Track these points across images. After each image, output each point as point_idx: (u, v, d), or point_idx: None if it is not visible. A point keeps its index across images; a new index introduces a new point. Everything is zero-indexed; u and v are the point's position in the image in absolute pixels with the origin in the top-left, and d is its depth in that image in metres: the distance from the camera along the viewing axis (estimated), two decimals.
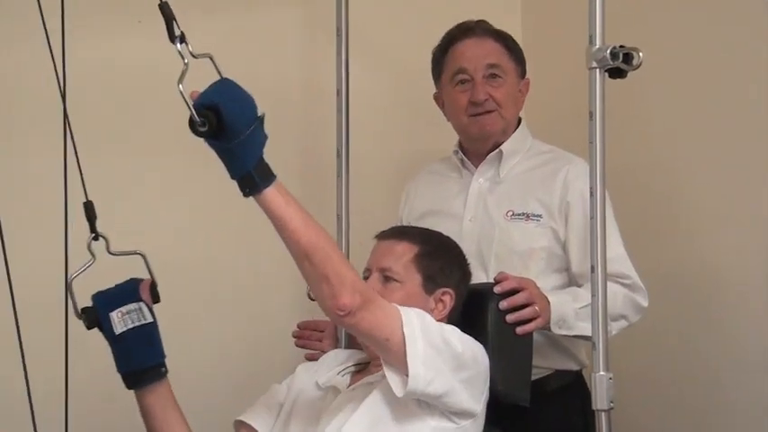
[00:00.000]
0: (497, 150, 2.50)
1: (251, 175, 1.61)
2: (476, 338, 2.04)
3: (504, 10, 3.24)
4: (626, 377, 2.07)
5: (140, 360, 1.86)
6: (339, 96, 2.66)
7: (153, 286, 1.90)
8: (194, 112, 1.53)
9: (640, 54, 1.92)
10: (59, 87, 1.72)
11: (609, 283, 2.06)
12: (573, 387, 2.44)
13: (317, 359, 2.28)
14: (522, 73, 2.54)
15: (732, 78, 2.72)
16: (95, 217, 1.77)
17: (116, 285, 1.88)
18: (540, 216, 2.42)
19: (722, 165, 2.75)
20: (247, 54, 2.92)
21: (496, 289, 2.17)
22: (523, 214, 2.43)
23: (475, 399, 1.93)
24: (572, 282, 2.40)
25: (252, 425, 2.08)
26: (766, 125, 2.61)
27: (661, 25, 2.87)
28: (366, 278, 2.10)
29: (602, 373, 1.93)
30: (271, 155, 2.92)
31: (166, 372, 1.89)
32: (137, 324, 1.83)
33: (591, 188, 1.96)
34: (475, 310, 2.15)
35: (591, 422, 1.98)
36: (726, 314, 2.73)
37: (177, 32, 1.58)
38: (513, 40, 2.54)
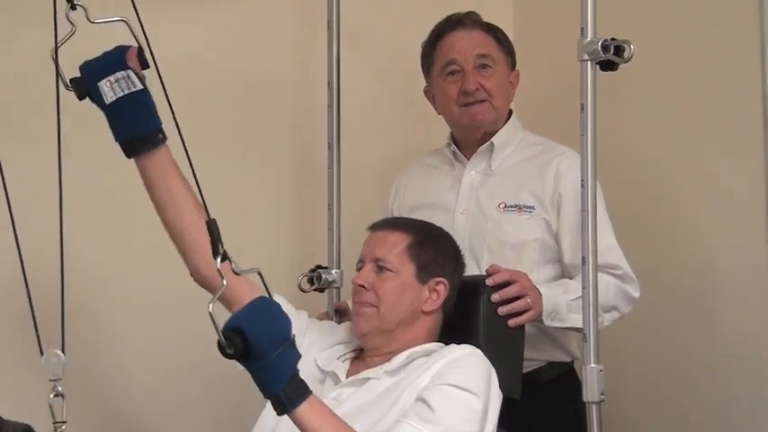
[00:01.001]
0: (489, 143, 2.50)
1: (278, 396, 1.61)
2: (468, 330, 2.05)
3: (496, 2, 3.24)
4: (617, 370, 2.07)
5: (135, 127, 1.80)
6: (330, 89, 2.66)
7: (140, 52, 1.79)
8: (221, 335, 1.54)
9: (631, 47, 1.92)
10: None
11: (600, 275, 2.07)
12: (564, 379, 2.44)
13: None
14: (512, 64, 2.54)
15: (724, 71, 2.72)
16: None
17: (102, 53, 1.81)
18: (532, 208, 2.42)
19: (714, 156, 2.75)
20: (239, 47, 2.93)
21: (488, 281, 2.17)
22: (516, 206, 2.43)
23: (492, 421, 1.95)
24: (564, 273, 2.41)
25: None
26: (758, 117, 2.61)
27: (652, 18, 2.88)
28: (359, 269, 2.11)
29: (592, 365, 1.93)
30: (263, 147, 2.95)
31: (164, 138, 1.82)
32: (126, 92, 1.77)
33: (582, 180, 1.97)
34: (467, 301, 2.15)
35: (582, 414, 1.98)
36: (717, 307, 2.74)
37: (221, 251, 1.58)
38: (503, 32, 2.54)
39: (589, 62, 1.94)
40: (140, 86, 1.78)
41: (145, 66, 1.79)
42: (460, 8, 2.56)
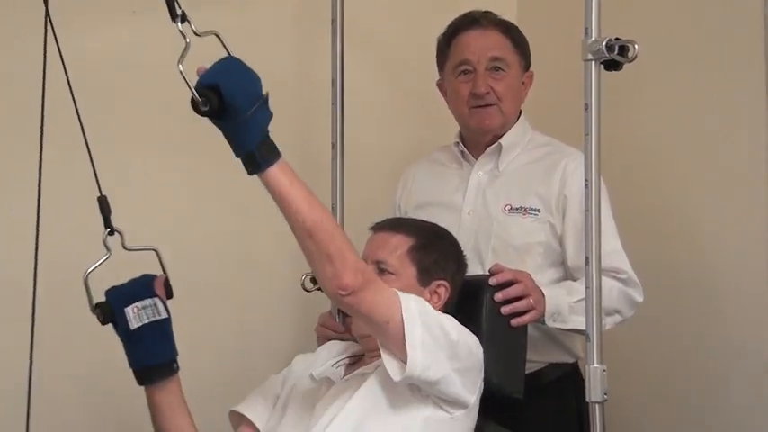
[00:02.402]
0: (497, 144, 2.50)
1: (253, 154, 1.61)
2: (471, 331, 2.04)
3: (501, 1, 3.23)
4: (620, 370, 2.07)
5: (154, 356, 1.86)
6: (334, 87, 2.66)
7: (167, 282, 1.89)
8: (195, 92, 1.53)
9: (636, 46, 1.91)
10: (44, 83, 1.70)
11: (604, 278, 2.06)
12: (568, 380, 2.44)
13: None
14: (526, 66, 2.54)
15: (728, 71, 2.72)
16: (110, 211, 1.77)
17: (130, 280, 1.88)
18: (537, 210, 2.42)
19: (719, 157, 2.75)
20: (242, 44, 2.89)
21: (492, 280, 2.17)
22: (521, 208, 2.43)
23: (468, 389, 1.94)
24: (568, 275, 2.40)
25: (247, 416, 2.08)
26: (763, 116, 2.61)
27: (657, 18, 2.87)
28: None
29: (595, 365, 1.93)
30: None
31: (178, 368, 1.89)
32: (152, 319, 1.83)
33: (586, 180, 1.96)
34: (470, 302, 2.15)
35: (585, 415, 1.98)
36: (721, 308, 2.73)
37: (179, 12, 1.57)
38: (519, 32, 2.54)
39: (593, 62, 1.94)
40: (165, 315, 1.85)
41: (170, 295, 1.88)
42: (465, 7, 2.56)
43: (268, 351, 2.85)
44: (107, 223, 1.77)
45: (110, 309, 1.82)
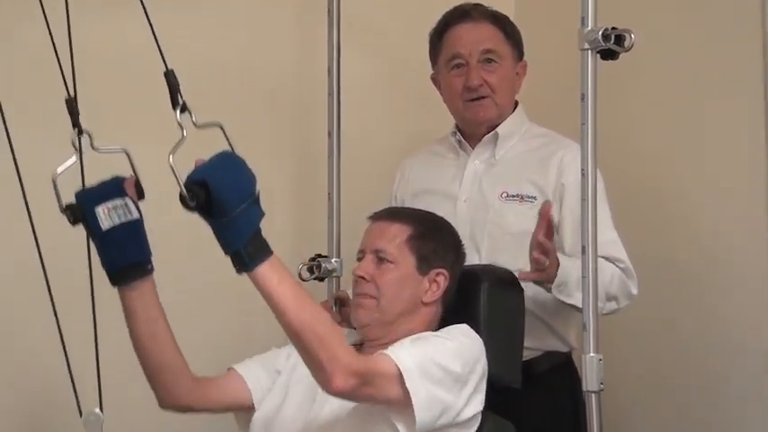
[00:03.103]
0: (493, 132, 2.50)
1: (240, 253, 1.60)
2: (468, 321, 2.05)
3: None
4: (615, 361, 2.07)
5: (127, 256, 1.80)
6: (330, 76, 2.66)
7: (137, 183, 1.82)
8: (182, 186, 1.53)
9: (632, 36, 1.91)
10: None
11: (607, 263, 2.06)
12: (562, 369, 2.44)
13: None
14: (519, 56, 2.54)
15: (725, 61, 2.72)
16: (78, 113, 1.72)
17: (99, 182, 1.81)
18: (534, 198, 2.42)
19: (715, 148, 2.75)
20: (239, 35, 2.92)
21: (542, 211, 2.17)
22: (517, 196, 2.43)
23: (479, 401, 1.96)
24: None
25: (242, 375, 2.07)
26: (760, 107, 2.61)
27: (653, 7, 2.87)
28: (360, 259, 2.11)
29: (592, 354, 1.93)
30: (264, 135, 2.95)
31: (152, 269, 1.84)
32: (123, 220, 1.77)
33: (582, 169, 1.97)
34: (468, 291, 2.15)
35: (580, 404, 1.98)
36: (716, 299, 2.74)
37: (180, 101, 1.58)
38: (511, 23, 2.54)
39: (590, 51, 1.94)
40: (137, 216, 1.79)
41: (141, 196, 1.81)
42: None
43: (267, 342, 2.85)
44: (75, 123, 1.72)
45: (79, 209, 1.77)
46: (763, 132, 2.62)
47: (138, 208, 1.80)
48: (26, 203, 1.55)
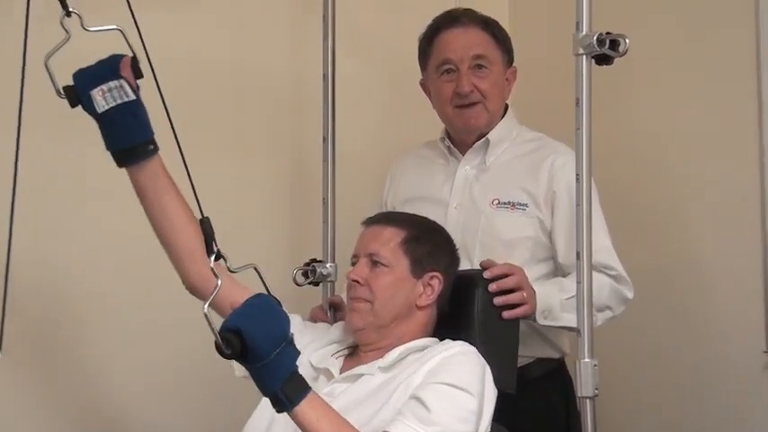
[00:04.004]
0: (484, 139, 2.49)
1: (277, 395, 1.62)
2: (463, 325, 2.04)
3: None
4: (608, 367, 2.07)
5: (127, 137, 1.80)
6: (325, 81, 2.66)
7: (134, 62, 1.80)
8: (218, 336, 1.54)
9: (627, 41, 1.92)
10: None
11: (595, 274, 2.05)
12: (554, 375, 2.44)
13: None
14: (509, 61, 2.53)
15: (720, 66, 2.73)
16: None
17: (96, 62, 1.80)
18: (525, 205, 2.41)
19: (710, 155, 2.76)
20: (234, 40, 2.92)
21: (486, 274, 2.16)
22: (509, 203, 2.43)
23: (489, 416, 1.95)
24: (558, 271, 2.40)
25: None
26: (754, 113, 2.62)
27: (648, 12, 2.88)
28: (354, 264, 2.10)
29: (586, 359, 1.93)
30: (258, 140, 2.94)
31: (156, 149, 1.83)
32: (119, 102, 1.76)
33: (577, 174, 1.97)
34: (462, 296, 2.14)
35: (573, 410, 1.98)
36: (709, 306, 2.75)
37: (215, 249, 1.62)
38: (501, 28, 2.52)
39: (584, 56, 1.94)
40: (133, 97, 1.78)
41: (138, 76, 1.80)
42: (457, 2, 2.55)
43: None
44: (63, 4, 1.70)
45: (76, 93, 1.77)
46: (757, 141, 2.62)
47: (134, 89, 1.79)
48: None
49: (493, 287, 2.15)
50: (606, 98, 2.13)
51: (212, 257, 1.62)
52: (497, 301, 2.15)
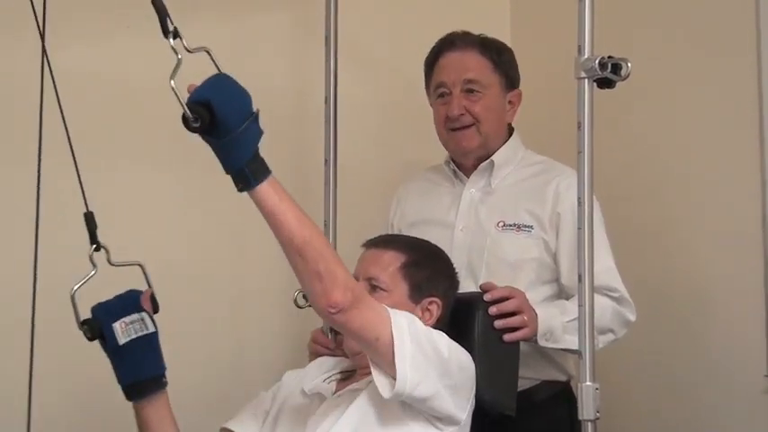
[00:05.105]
0: (489, 161, 2.50)
1: (243, 171, 1.61)
2: (463, 347, 2.04)
3: (494, 19, 3.24)
4: (611, 388, 2.07)
5: (143, 371, 1.86)
6: (327, 104, 2.66)
7: (153, 296, 1.90)
8: (186, 108, 1.53)
9: (629, 64, 1.92)
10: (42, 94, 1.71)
11: (597, 297, 2.05)
12: (560, 398, 2.43)
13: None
14: (510, 84, 2.52)
15: (721, 88, 2.73)
16: (96, 227, 1.78)
17: (116, 296, 1.88)
18: (530, 227, 2.41)
19: (711, 176, 2.75)
20: (236, 61, 2.88)
21: (486, 296, 2.17)
22: (514, 225, 2.43)
23: (460, 406, 1.93)
24: (562, 293, 2.40)
25: (236, 431, 2.08)
26: (755, 135, 2.62)
27: (650, 36, 2.88)
28: None
29: (588, 383, 1.93)
30: None
31: (166, 383, 1.89)
32: (140, 334, 1.83)
33: (579, 197, 1.97)
34: (462, 318, 2.14)
35: None
36: (712, 328, 2.74)
37: (171, 28, 1.58)
38: (500, 51, 2.52)
39: (586, 80, 1.95)
40: (153, 329, 1.85)
41: (156, 309, 1.89)
42: (458, 25, 2.55)
43: (261, 367, 2.84)
44: (93, 239, 1.77)
45: (97, 325, 1.83)
46: (758, 161, 2.62)
47: (153, 322, 1.86)
48: None
49: (493, 310, 2.15)
50: (608, 117, 2.13)
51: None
52: (497, 324, 2.15)
